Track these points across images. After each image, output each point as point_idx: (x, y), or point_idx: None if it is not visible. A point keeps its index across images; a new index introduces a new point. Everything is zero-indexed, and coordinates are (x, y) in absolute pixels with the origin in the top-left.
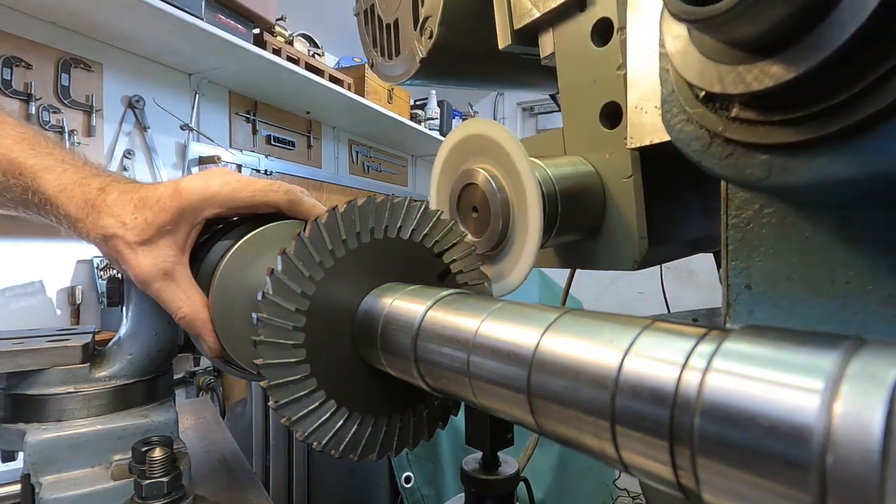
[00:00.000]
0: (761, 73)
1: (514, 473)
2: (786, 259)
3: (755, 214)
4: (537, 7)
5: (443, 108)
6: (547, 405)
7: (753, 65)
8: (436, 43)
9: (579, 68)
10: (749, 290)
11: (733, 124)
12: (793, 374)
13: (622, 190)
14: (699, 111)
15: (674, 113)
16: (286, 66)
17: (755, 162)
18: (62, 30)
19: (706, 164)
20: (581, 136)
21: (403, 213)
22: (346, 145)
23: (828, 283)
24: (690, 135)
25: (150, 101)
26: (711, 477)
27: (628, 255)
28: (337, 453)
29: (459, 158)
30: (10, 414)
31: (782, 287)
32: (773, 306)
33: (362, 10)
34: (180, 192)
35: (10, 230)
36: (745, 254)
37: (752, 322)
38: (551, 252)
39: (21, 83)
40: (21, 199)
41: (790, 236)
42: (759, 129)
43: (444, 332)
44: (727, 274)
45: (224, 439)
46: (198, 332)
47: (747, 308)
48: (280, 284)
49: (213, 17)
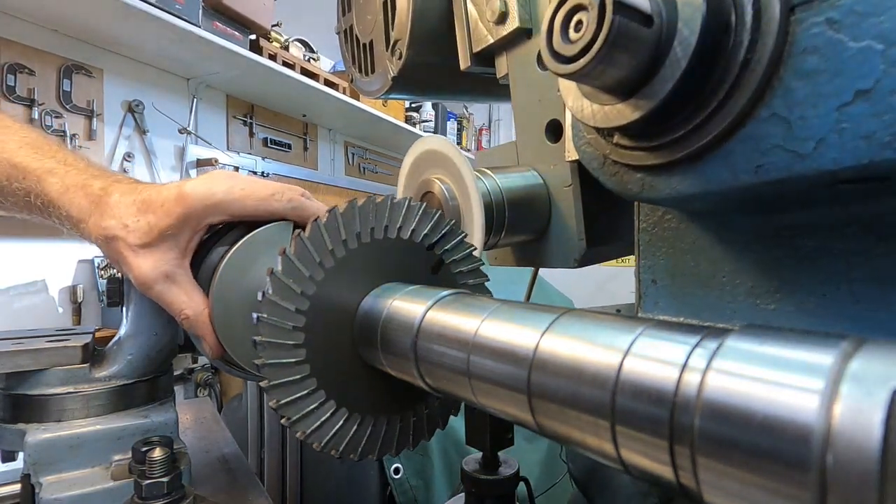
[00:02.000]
0: (619, 113)
1: (514, 473)
2: (681, 257)
3: (658, 220)
4: (491, 34)
5: (437, 110)
6: (547, 405)
7: (614, 106)
8: (405, 63)
9: (528, 88)
10: (654, 283)
11: (616, 149)
12: (793, 373)
13: (564, 197)
14: (593, 137)
15: (579, 136)
16: (282, 71)
17: (633, 179)
18: (64, 37)
19: (602, 179)
20: (530, 148)
21: (403, 213)
22: (341, 147)
23: (710, 277)
24: (590, 155)
25: (150, 105)
26: (711, 477)
27: (570, 255)
28: (337, 453)
29: (420, 170)
30: (10, 414)
31: (679, 282)
32: (673, 298)
33: (342, 30)
34: (185, 198)
35: (13, 230)
36: (651, 253)
37: (659, 311)
38: (509, 251)
39: (24, 89)
40: (24, 202)
41: (684, 238)
42: (633, 154)
43: (444, 332)
44: (638, 270)
45: (224, 439)
46: (199, 333)
47: (653, 299)
48: (280, 284)
49: (210, 24)
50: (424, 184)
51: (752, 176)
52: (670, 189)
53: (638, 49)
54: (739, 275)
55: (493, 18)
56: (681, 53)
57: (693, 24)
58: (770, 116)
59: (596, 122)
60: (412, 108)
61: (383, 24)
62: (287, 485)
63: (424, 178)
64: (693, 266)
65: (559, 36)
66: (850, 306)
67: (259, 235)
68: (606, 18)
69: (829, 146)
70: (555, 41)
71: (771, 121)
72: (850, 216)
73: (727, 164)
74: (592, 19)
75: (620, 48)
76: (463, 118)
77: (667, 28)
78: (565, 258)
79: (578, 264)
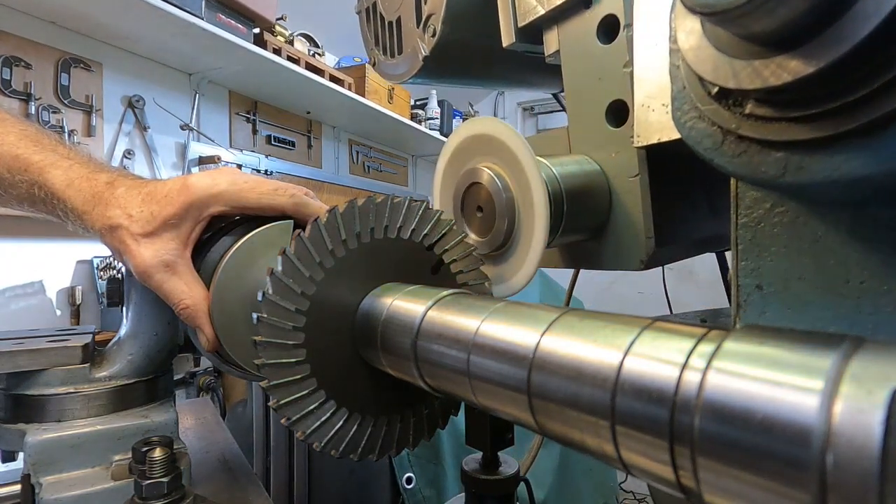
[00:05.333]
0: (779, 69)
1: (515, 474)
2: (797, 259)
3: (766, 213)
4: (542, 4)
5: (443, 107)
6: (547, 405)
7: (771, 59)
8: (439, 41)
9: (585, 66)
10: (760, 290)
11: (747, 121)
12: (793, 374)
13: (628, 189)
14: (711, 108)
15: (685, 110)
16: (286, 66)
17: (770, 160)
18: (62, 29)
19: (718, 162)
20: (586, 134)
21: (403, 213)
22: (346, 145)
23: (841, 283)
24: (702, 132)
25: (150, 100)
26: (712, 477)
27: (635, 255)
28: (337, 453)
29: (463, 158)
30: (10, 414)
31: (794, 287)
32: (785, 307)
33: (364, 8)
34: (188, 188)
35: (11, 230)
36: (756, 253)
37: (766, 321)
38: (556, 252)
39: (21, 83)
40: (27, 195)
41: (802, 236)
42: (774, 126)
43: (444, 333)
44: (737, 274)
45: (224, 439)
46: (198, 324)
47: (759, 309)
48: (280, 284)
49: (214, 17)
50: (470, 174)
51: None
52: (832, 170)
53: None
54: (886, 280)
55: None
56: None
57: None
58: None
59: (739, 82)
60: (418, 106)
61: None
62: (294, 494)
63: (470, 167)
64: (815, 269)
65: None
66: None
67: (260, 234)
68: None
69: None
70: None
71: None
72: None
73: None
74: None
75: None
76: (468, 116)
77: None
78: (629, 259)
79: (645, 266)
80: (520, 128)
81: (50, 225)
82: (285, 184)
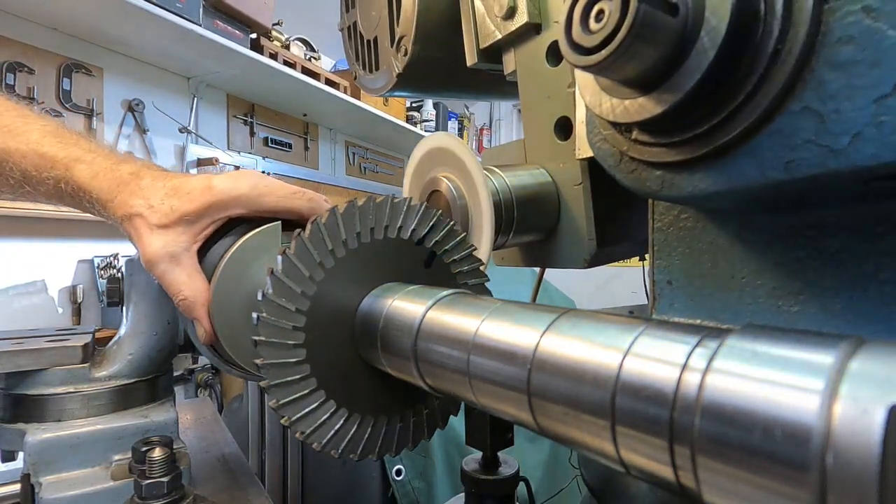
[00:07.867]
0: (640, 107)
1: (514, 473)
2: (698, 258)
3: (674, 220)
4: (499, 29)
5: (438, 110)
6: (547, 405)
7: (635, 100)
8: (410, 59)
9: (536, 85)
10: (670, 285)
11: (635, 145)
12: (793, 374)
13: (574, 196)
14: (609, 133)
15: (594, 133)
16: (283, 70)
17: (652, 176)
18: (64, 36)
19: (618, 177)
20: (539, 146)
21: (403, 213)
22: (342, 147)
23: (728, 278)
24: (606, 151)
25: (150, 104)
26: (711, 477)
27: (579, 255)
28: (337, 453)
29: (427, 167)
30: (10, 414)
31: (696, 283)
32: (689, 299)
33: (346, 27)
34: (212, 189)
35: (13, 230)
36: (667, 253)
37: (674, 313)
38: (516, 251)
39: (24, 87)
40: (55, 191)
41: (701, 238)
42: (652, 150)
43: (444, 333)
44: (653, 271)
45: (224, 439)
46: (195, 316)
47: (669, 301)
48: (280, 284)
49: (211, 23)
50: (431, 182)
51: (782, 172)
52: (692, 187)
53: (662, 39)
54: (760, 275)
55: (500, 14)
56: (708, 44)
57: (721, 12)
58: (801, 110)
59: (615, 117)
60: (413, 108)
61: (388, 20)
62: (288, 486)
63: (431, 176)
64: (711, 267)
65: (579, 26)
66: (880, 308)
67: (261, 234)
68: (631, 7)
69: (866, 141)
70: (574, 32)
71: (802, 114)
72: (881, 214)
73: (755, 160)
74: (615, 8)
75: (644, 39)
76: (464, 118)
77: (693, 17)
78: (575, 258)
79: (588, 265)
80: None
81: (52, 225)
82: (303, 189)
